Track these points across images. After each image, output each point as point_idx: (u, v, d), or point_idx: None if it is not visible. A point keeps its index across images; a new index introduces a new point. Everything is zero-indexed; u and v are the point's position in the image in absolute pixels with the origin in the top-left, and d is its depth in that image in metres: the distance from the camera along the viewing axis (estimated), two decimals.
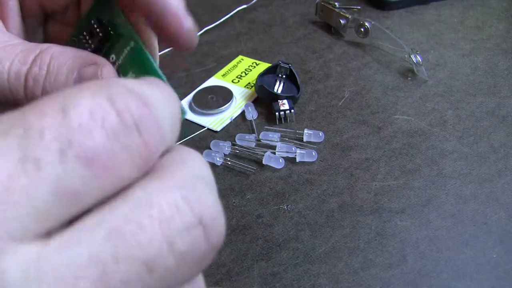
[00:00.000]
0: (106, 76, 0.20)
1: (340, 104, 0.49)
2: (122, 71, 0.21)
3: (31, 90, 0.20)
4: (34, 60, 0.20)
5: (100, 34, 0.22)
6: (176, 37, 0.20)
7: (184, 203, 0.13)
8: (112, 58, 0.21)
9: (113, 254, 0.12)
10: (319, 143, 0.45)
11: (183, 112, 0.18)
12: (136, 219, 0.12)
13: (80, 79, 0.20)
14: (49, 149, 0.12)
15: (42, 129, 0.12)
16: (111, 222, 0.12)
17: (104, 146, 0.12)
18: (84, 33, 0.22)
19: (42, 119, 0.12)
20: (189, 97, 0.52)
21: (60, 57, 0.20)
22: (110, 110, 0.12)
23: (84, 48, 0.22)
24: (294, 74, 0.51)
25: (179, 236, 0.13)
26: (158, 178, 0.13)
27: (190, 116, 0.50)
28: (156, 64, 0.20)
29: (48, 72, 0.20)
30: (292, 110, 0.47)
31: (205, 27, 0.62)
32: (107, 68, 0.20)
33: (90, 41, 0.22)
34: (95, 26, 0.22)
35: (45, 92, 0.20)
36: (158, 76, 0.19)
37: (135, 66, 0.20)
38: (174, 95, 0.15)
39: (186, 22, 0.20)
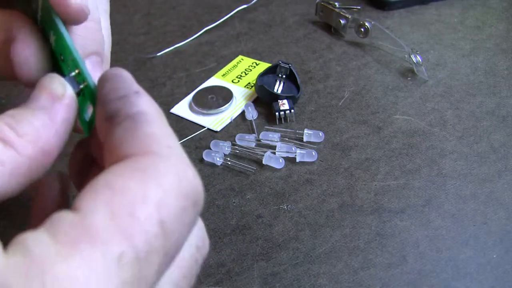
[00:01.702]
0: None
1: (340, 104, 0.49)
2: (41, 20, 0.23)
3: None
4: None
5: None
6: (63, 8, 0.21)
7: None
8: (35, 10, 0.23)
9: None
10: (319, 143, 0.45)
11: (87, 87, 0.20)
12: None
13: None
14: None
15: (148, 251, 0.15)
16: None
17: (182, 240, 0.17)
18: None
19: (147, 238, 0.15)
20: (189, 97, 0.52)
21: None
22: (190, 209, 0.16)
23: None
24: (294, 74, 0.51)
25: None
26: None
27: (190, 116, 0.50)
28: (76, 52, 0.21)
29: None
30: (292, 110, 0.47)
31: (205, 27, 0.62)
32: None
33: None
34: None
35: None
36: (57, 27, 0.21)
37: (46, 15, 0.22)
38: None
39: None
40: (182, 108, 0.51)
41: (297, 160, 0.43)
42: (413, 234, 0.36)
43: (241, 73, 0.55)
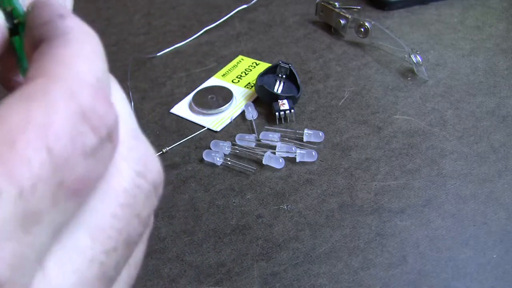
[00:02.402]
0: None
1: (340, 104, 0.49)
2: None
3: None
4: None
5: None
6: None
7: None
8: None
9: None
10: (319, 143, 0.45)
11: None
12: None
13: None
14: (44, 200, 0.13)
15: (34, 184, 0.12)
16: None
17: (86, 170, 0.13)
18: None
19: (30, 169, 0.12)
20: (189, 97, 0.52)
21: None
22: (88, 133, 0.13)
23: None
24: (294, 74, 0.51)
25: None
26: None
27: (190, 116, 0.50)
28: None
29: None
30: (292, 110, 0.47)
31: (205, 27, 0.62)
32: None
33: None
34: None
35: None
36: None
37: None
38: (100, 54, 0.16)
39: None
40: (182, 108, 0.51)
41: (297, 160, 0.43)
42: (413, 234, 0.36)
43: (241, 73, 0.55)
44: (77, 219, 0.14)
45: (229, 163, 0.43)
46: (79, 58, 0.15)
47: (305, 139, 0.45)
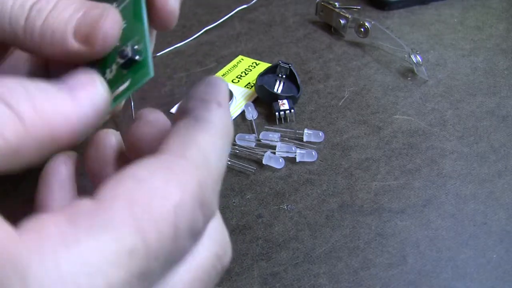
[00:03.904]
0: (111, 21, 0.20)
1: (340, 104, 0.49)
2: None
3: (32, 20, 0.20)
4: None
5: None
6: (158, 11, 0.21)
7: None
8: (115, 5, 0.22)
9: None
10: (319, 143, 0.45)
11: None
12: None
13: (85, 20, 0.20)
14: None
15: (158, 247, 0.15)
16: None
17: (188, 246, 0.17)
18: None
19: (159, 234, 0.15)
20: None
21: None
22: (200, 218, 0.16)
23: None
24: (294, 74, 0.51)
25: None
26: None
27: None
28: (146, 22, 0.21)
29: (54, 7, 0.20)
30: (292, 110, 0.47)
31: (205, 27, 0.62)
32: (113, 12, 0.20)
33: None
34: None
35: (45, 25, 0.19)
36: (143, 32, 0.20)
37: (128, 19, 0.21)
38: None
39: (170, 3, 0.22)
40: None
41: (297, 160, 0.43)
42: (413, 234, 0.36)
43: (241, 73, 0.55)
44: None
45: (229, 163, 0.43)
46: (211, 152, 0.17)
47: (305, 139, 0.45)
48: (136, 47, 0.20)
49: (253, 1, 0.66)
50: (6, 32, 0.20)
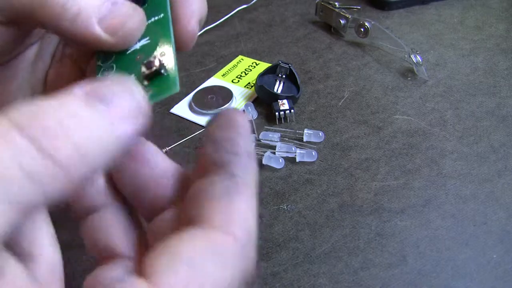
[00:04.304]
0: (138, 18, 0.21)
1: (340, 104, 0.49)
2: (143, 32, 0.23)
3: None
4: None
5: None
6: (179, 31, 0.22)
7: None
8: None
9: None
10: (319, 143, 0.45)
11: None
12: None
13: (114, 11, 0.21)
14: None
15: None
16: None
17: None
18: None
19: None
20: (189, 97, 0.52)
21: None
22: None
23: None
24: (294, 74, 0.51)
25: None
26: None
27: (190, 116, 0.50)
28: (173, 36, 0.21)
29: None
30: (292, 110, 0.47)
31: (205, 27, 0.62)
32: (140, 12, 0.21)
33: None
34: None
35: (76, 6, 0.20)
36: (170, 46, 0.21)
37: (154, 35, 0.22)
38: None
39: (192, 24, 0.22)
40: (182, 108, 0.51)
41: (297, 160, 0.43)
42: (413, 234, 0.36)
43: (241, 73, 0.55)
44: None
45: None
46: (248, 217, 0.17)
47: (305, 139, 0.45)
48: (162, 60, 0.21)
49: (253, 1, 0.66)
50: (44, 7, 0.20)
